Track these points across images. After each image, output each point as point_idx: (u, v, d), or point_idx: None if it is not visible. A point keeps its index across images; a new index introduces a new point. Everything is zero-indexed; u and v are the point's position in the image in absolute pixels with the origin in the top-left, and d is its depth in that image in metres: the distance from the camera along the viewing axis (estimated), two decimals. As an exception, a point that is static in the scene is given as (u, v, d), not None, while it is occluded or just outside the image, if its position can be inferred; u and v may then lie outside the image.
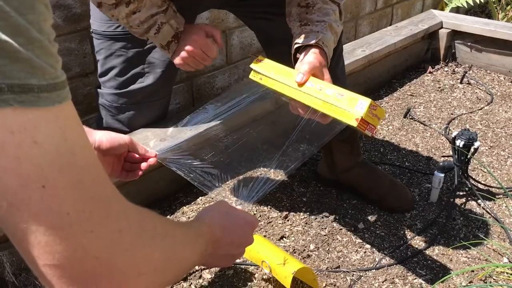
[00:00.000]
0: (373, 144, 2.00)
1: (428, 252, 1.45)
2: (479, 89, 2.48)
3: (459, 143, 1.55)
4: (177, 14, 1.23)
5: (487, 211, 1.63)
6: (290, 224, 1.54)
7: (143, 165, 0.97)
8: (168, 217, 1.55)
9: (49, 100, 0.42)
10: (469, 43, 2.69)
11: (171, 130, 1.55)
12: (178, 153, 1.09)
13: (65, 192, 0.44)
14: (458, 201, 1.66)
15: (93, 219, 0.46)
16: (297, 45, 1.16)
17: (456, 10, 3.23)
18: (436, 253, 1.45)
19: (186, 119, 1.51)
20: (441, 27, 2.74)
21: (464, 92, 2.45)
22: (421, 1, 3.14)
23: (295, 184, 1.74)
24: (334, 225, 1.54)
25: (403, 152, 1.96)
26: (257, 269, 1.36)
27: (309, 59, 1.10)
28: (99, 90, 1.47)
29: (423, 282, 1.34)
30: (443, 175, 1.61)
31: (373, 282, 1.34)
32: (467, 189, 1.69)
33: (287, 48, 1.21)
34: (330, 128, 1.09)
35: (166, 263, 0.57)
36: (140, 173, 0.98)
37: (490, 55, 2.64)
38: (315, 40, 1.13)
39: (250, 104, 1.37)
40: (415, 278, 1.36)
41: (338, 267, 1.39)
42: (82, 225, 0.45)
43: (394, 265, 1.40)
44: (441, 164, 1.63)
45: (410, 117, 2.20)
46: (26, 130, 0.41)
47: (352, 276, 1.36)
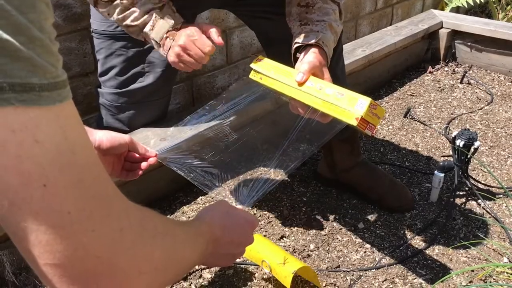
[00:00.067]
0: (373, 144, 2.00)
1: (428, 252, 1.45)
2: (479, 89, 2.48)
3: (459, 143, 1.55)
4: (176, 14, 1.20)
5: (487, 211, 1.63)
6: (290, 224, 1.54)
7: (143, 165, 0.97)
8: (169, 217, 1.55)
9: (50, 99, 0.42)
10: (469, 43, 2.69)
11: (171, 130, 1.55)
12: (178, 153, 1.09)
13: (66, 191, 0.44)
14: (458, 201, 1.66)
15: (94, 218, 0.46)
16: (297, 45, 1.16)
17: (456, 10, 3.23)
18: (436, 253, 1.45)
19: (187, 119, 1.51)
20: (441, 27, 2.74)
21: (464, 92, 2.45)
22: (421, 1, 3.14)
23: (295, 184, 1.74)
24: (334, 225, 1.54)
25: (403, 152, 1.96)
26: (257, 269, 1.36)
27: (309, 59, 1.10)
28: (99, 90, 1.47)
29: (423, 282, 1.34)
30: (443, 175, 1.61)
31: (373, 282, 1.34)
32: (467, 189, 1.69)
33: (287, 48, 1.21)
34: (330, 128, 1.09)
35: (167, 262, 0.57)
36: (140, 173, 0.98)
37: (490, 55, 2.64)
38: (315, 40, 1.13)
39: (250, 104, 1.37)
40: (415, 278, 1.36)
41: (338, 267, 1.39)
42: (83, 224, 0.45)
43: (394, 265, 1.40)
44: (441, 164, 1.63)
45: (410, 117, 2.20)
46: (27, 129, 0.41)
47: (352, 276, 1.36)
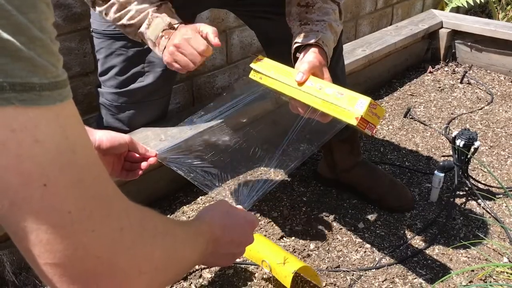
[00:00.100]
0: (373, 144, 2.00)
1: (428, 252, 1.45)
2: (479, 89, 2.48)
3: (459, 143, 1.55)
4: (174, 14, 1.18)
5: (487, 211, 1.63)
6: (290, 224, 1.54)
7: (143, 165, 0.97)
8: (169, 217, 1.55)
9: (51, 99, 0.42)
10: (469, 43, 2.69)
11: (172, 130, 1.55)
12: (178, 153, 1.09)
13: (66, 191, 0.44)
14: (458, 201, 1.66)
15: (94, 218, 0.46)
16: (297, 45, 1.16)
17: (456, 10, 3.23)
18: (436, 253, 1.45)
19: (187, 120, 1.51)
20: (441, 27, 2.74)
21: (464, 92, 2.45)
22: (421, 1, 3.14)
23: (295, 184, 1.74)
24: (334, 225, 1.54)
25: (403, 152, 1.96)
26: (257, 269, 1.36)
27: (309, 58, 1.10)
28: (99, 89, 1.47)
29: (423, 282, 1.34)
30: (443, 175, 1.61)
31: (373, 282, 1.34)
32: (467, 189, 1.68)
33: (287, 48, 1.20)
34: (330, 127, 1.09)
35: (167, 262, 0.57)
36: (140, 173, 0.98)
37: (490, 55, 2.64)
38: (315, 40, 1.13)
39: (250, 104, 1.37)
40: (415, 278, 1.36)
41: (338, 267, 1.39)
42: (83, 224, 0.45)
43: (394, 265, 1.40)
44: (441, 164, 1.63)
45: (410, 117, 2.20)
46: (27, 129, 0.41)
47: (352, 276, 1.36)
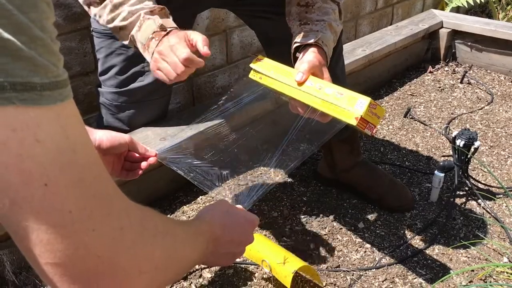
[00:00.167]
0: (374, 144, 2.00)
1: (428, 252, 1.45)
2: (480, 89, 2.48)
3: (459, 143, 1.55)
4: (169, 19, 1.11)
5: (487, 211, 1.63)
6: (290, 224, 1.54)
7: (143, 164, 0.97)
8: (169, 216, 1.55)
9: (51, 98, 0.42)
10: (470, 43, 2.69)
11: (172, 129, 1.55)
12: (178, 152, 1.09)
13: (67, 190, 0.44)
14: (458, 201, 1.66)
15: (95, 217, 0.46)
16: (297, 44, 1.16)
17: (457, 10, 3.23)
18: (436, 253, 1.45)
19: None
20: (442, 27, 2.74)
21: (465, 92, 2.45)
22: (422, 1, 3.14)
23: (295, 184, 1.74)
24: (334, 225, 1.54)
25: (403, 152, 1.96)
26: (257, 268, 1.36)
27: (309, 58, 1.10)
28: (100, 89, 1.47)
29: (423, 282, 1.35)
30: (443, 175, 1.61)
31: (373, 282, 1.34)
32: (467, 189, 1.69)
33: (287, 48, 1.20)
34: (330, 127, 1.09)
35: (167, 262, 0.57)
36: (140, 172, 0.98)
37: (491, 55, 2.64)
38: (315, 39, 1.13)
39: (250, 104, 1.37)
40: (415, 278, 1.36)
41: (338, 267, 1.39)
42: (84, 223, 0.45)
43: (394, 265, 1.40)
44: (441, 164, 1.63)
45: (411, 117, 2.20)
46: (28, 128, 0.41)
47: (352, 276, 1.36)
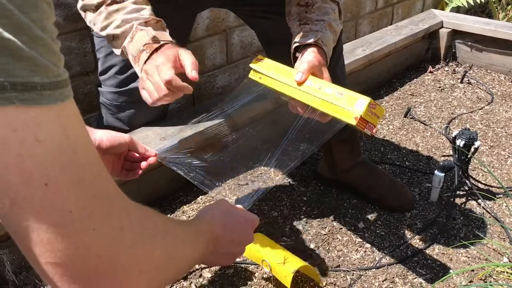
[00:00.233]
0: (374, 144, 2.00)
1: (428, 252, 1.45)
2: (480, 89, 2.48)
3: (460, 143, 1.55)
4: (165, 32, 1.07)
5: (487, 211, 1.63)
6: (290, 223, 1.54)
7: (143, 164, 0.97)
8: (169, 216, 1.55)
9: (52, 98, 0.43)
10: (470, 43, 2.69)
11: (172, 129, 1.55)
12: (178, 152, 1.09)
13: (67, 190, 0.44)
14: (458, 201, 1.66)
15: (95, 217, 0.46)
16: (296, 44, 1.16)
17: (457, 10, 3.23)
18: (436, 253, 1.45)
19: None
20: (442, 27, 2.74)
21: (465, 92, 2.45)
22: (422, 1, 3.14)
23: (295, 184, 1.74)
24: (334, 224, 1.54)
25: (404, 152, 1.96)
26: (257, 268, 1.36)
27: (308, 58, 1.10)
28: (100, 89, 1.47)
29: (423, 282, 1.35)
30: (443, 175, 1.61)
31: (373, 281, 1.34)
32: (467, 189, 1.69)
33: (287, 48, 1.20)
34: (330, 127, 1.09)
35: (167, 261, 0.57)
36: (140, 172, 0.98)
37: (491, 55, 2.64)
38: (314, 39, 1.13)
39: (250, 104, 1.37)
40: (415, 278, 1.36)
41: (338, 266, 1.39)
42: (84, 223, 0.45)
43: (394, 265, 1.40)
44: (441, 164, 1.63)
45: (411, 117, 2.20)
46: (29, 128, 0.41)
47: (352, 275, 1.36)
